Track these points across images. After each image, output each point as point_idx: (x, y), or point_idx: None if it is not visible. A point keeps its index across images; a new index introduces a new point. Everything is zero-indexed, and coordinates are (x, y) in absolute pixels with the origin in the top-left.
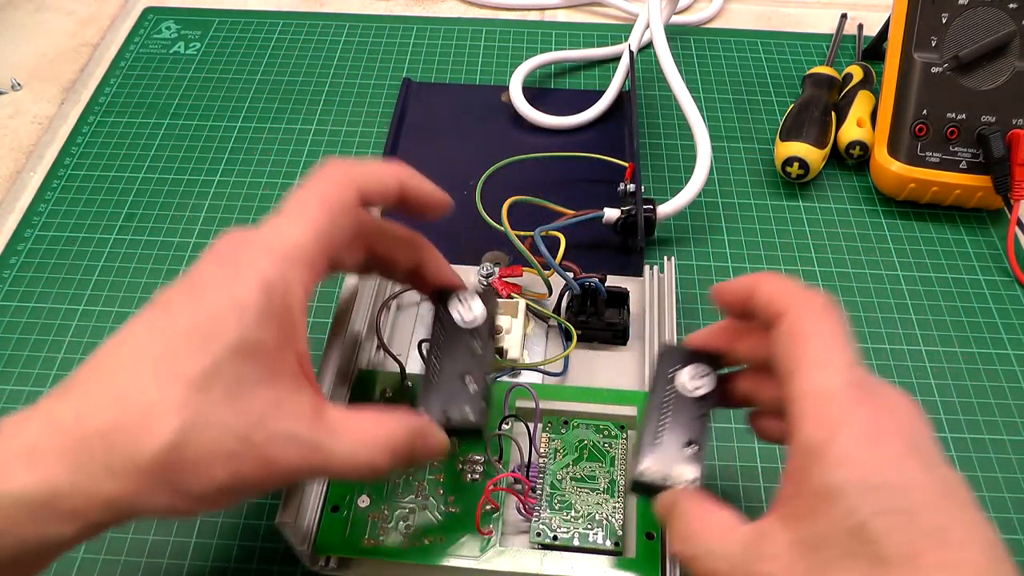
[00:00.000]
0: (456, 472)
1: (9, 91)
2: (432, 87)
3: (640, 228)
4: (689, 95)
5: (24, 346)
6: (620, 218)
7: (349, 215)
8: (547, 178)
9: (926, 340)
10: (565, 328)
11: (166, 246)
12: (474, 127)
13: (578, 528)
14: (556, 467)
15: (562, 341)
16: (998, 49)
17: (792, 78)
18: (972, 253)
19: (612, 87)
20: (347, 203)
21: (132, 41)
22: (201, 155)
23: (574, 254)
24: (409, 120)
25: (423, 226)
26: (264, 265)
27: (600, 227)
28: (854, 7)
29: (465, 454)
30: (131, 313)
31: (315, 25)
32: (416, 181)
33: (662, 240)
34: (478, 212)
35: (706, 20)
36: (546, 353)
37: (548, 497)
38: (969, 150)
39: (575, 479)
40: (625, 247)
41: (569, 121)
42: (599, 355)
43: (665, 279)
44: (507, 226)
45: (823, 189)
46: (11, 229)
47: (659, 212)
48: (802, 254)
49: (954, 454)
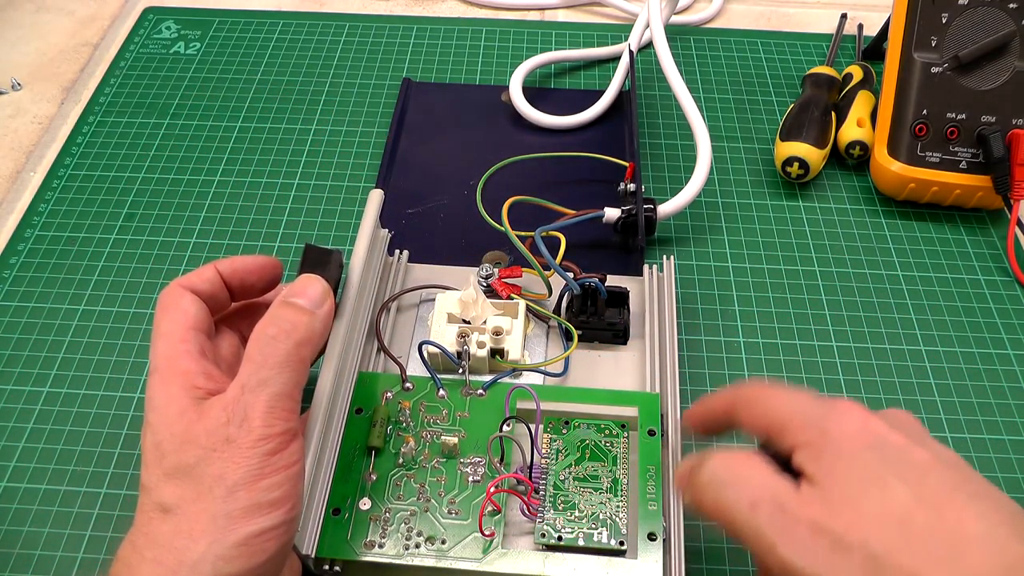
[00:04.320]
0: (458, 474)
1: (9, 91)
2: (432, 87)
3: (640, 227)
4: (689, 94)
5: (24, 346)
6: (620, 218)
7: (198, 309)
8: (547, 178)
9: (926, 340)
10: (565, 328)
11: (166, 246)
12: (474, 127)
13: (583, 528)
14: (559, 467)
15: (562, 341)
16: (998, 49)
17: (792, 78)
18: (972, 253)
19: (612, 87)
20: (187, 307)
21: (132, 41)
22: (201, 155)
23: (575, 254)
24: (409, 120)
25: (431, 230)
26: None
27: (600, 227)
28: (854, 7)
29: (467, 455)
30: (131, 313)
31: (315, 25)
32: (230, 260)
33: (662, 240)
34: (478, 212)
35: (706, 20)
36: (547, 354)
37: (551, 497)
38: (969, 150)
39: (578, 479)
40: (626, 247)
41: (569, 121)
42: (600, 355)
43: (665, 278)
44: (507, 226)
45: (823, 189)
46: (11, 229)
47: (660, 211)
48: (802, 254)
49: None
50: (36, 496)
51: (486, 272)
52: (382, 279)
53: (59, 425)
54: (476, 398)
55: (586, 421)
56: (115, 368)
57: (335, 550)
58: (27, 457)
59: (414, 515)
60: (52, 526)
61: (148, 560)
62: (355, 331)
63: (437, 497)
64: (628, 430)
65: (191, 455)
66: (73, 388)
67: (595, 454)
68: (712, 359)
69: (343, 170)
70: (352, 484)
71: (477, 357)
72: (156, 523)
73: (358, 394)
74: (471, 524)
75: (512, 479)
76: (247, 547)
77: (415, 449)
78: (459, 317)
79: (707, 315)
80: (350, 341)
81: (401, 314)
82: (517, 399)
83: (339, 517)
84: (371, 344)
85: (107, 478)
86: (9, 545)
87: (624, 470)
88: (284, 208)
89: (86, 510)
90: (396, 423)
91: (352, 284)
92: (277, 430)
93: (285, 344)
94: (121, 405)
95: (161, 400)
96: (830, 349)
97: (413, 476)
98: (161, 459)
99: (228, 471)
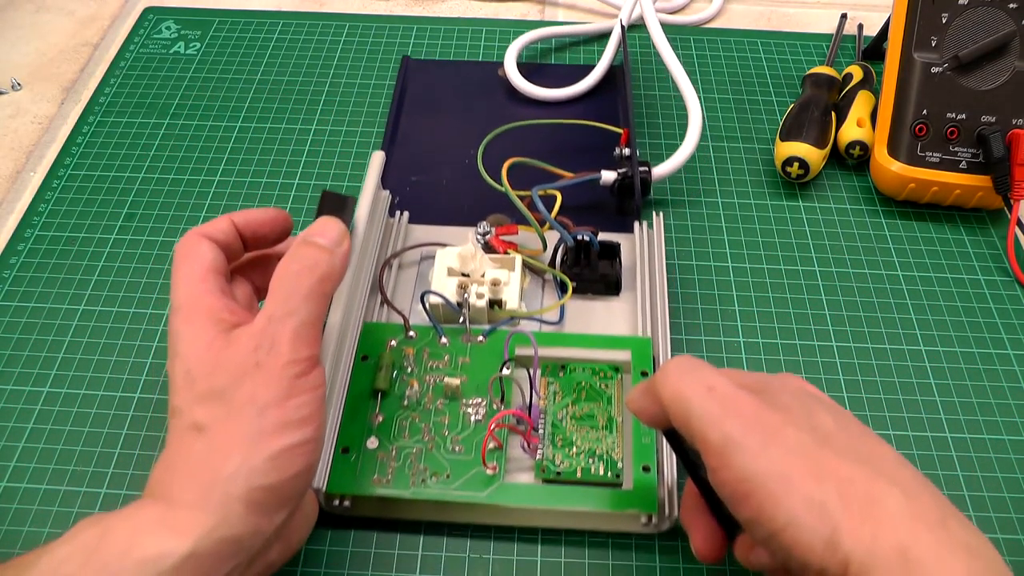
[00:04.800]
0: (460, 414)
1: (9, 91)
2: (430, 64)
3: (636, 188)
4: (676, 58)
5: (24, 346)
6: (616, 179)
7: (213, 251)
8: (545, 147)
9: (926, 340)
10: (560, 280)
11: (166, 246)
12: (472, 102)
13: (580, 463)
14: (556, 408)
15: (558, 294)
16: (998, 49)
17: (792, 78)
18: (972, 253)
19: (603, 60)
20: (205, 253)
21: (132, 41)
22: (201, 155)
23: (572, 216)
24: (410, 96)
25: (434, 197)
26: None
27: (597, 190)
28: (854, 7)
29: (468, 397)
30: (131, 313)
31: (315, 25)
32: (243, 212)
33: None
34: (479, 179)
35: (706, 20)
36: (543, 305)
37: (550, 436)
38: (969, 150)
39: (575, 418)
40: (621, 209)
41: (563, 93)
42: (593, 305)
43: (655, 234)
44: (507, 185)
45: (823, 189)
46: (11, 229)
47: (654, 173)
48: (802, 254)
49: (954, 454)
50: (36, 496)
51: (484, 230)
52: (384, 238)
53: (59, 425)
54: (476, 344)
55: (581, 365)
56: (115, 368)
57: (345, 486)
58: (27, 457)
59: (419, 453)
60: (52, 526)
61: (183, 475)
62: (359, 285)
63: (441, 436)
64: (621, 373)
65: (222, 380)
66: (73, 388)
67: (591, 395)
68: (712, 359)
69: (343, 170)
70: (360, 425)
71: (476, 307)
72: (190, 441)
73: (364, 342)
74: (474, 459)
75: (512, 416)
76: (278, 460)
77: (419, 392)
78: (458, 271)
79: (707, 315)
80: (355, 293)
81: (402, 271)
82: (516, 345)
83: (348, 456)
84: (374, 299)
85: (107, 478)
86: (9, 545)
87: (619, 409)
88: (284, 208)
89: (86, 510)
90: (401, 368)
91: (356, 240)
92: (304, 355)
93: (308, 279)
94: (121, 405)
95: (188, 334)
96: (830, 349)
97: (418, 417)
98: (192, 384)
99: (259, 392)
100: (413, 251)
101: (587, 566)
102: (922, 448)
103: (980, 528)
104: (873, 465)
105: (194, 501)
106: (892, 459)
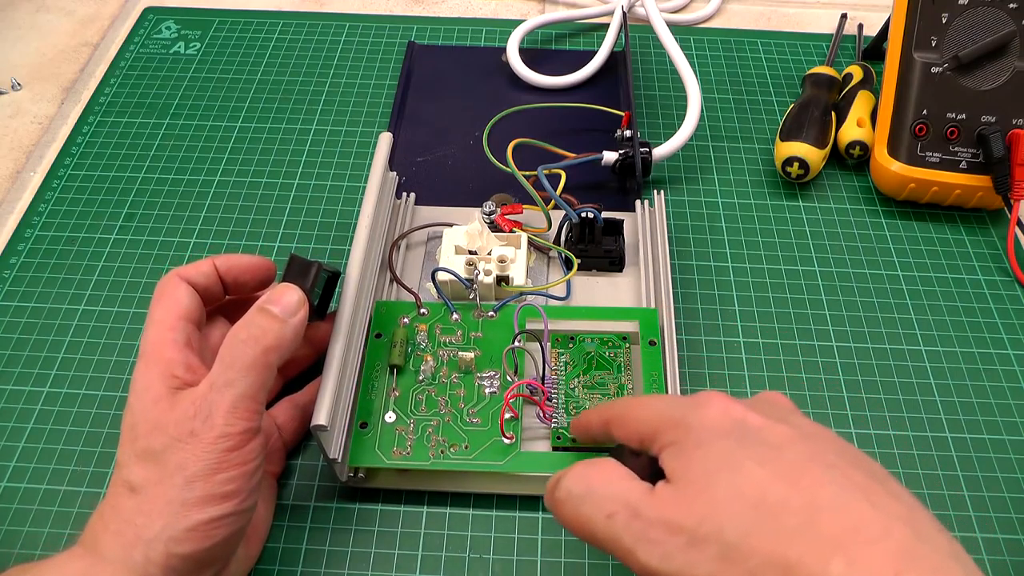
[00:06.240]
0: (475, 387)
1: (9, 91)
2: (435, 49)
3: (637, 167)
4: (675, 41)
5: (24, 346)
6: (618, 160)
7: (189, 296)
8: (548, 130)
9: (926, 340)
10: (566, 257)
11: (166, 246)
12: (475, 87)
13: None
14: (568, 377)
15: (563, 271)
16: (998, 49)
17: (792, 78)
18: (972, 253)
19: (604, 46)
20: (181, 297)
21: (132, 41)
22: (201, 155)
23: (575, 195)
24: (415, 80)
25: (440, 177)
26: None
27: (600, 170)
28: (854, 7)
29: (482, 370)
30: (131, 313)
31: (315, 25)
32: (227, 256)
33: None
34: (484, 160)
35: (704, 19)
36: (548, 282)
37: (563, 405)
38: (969, 150)
39: (587, 387)
40: (623, 189)
41: (564, 80)
42: (598, 281)
43: (656, 211)
44: (513, 165)
45: (823, 189)
46: (11, 229)
47: (655, 153)
48: (802, 254)
49: (954, 454)
50: (36, 496)
51: (489, 209)
52: (392, 219)
53: (59, 425)
54: (487, 319)
55: (590, 335)
56: (115, 368)
57: (365, 458)
58: (27, 457)
59: (437, 425)
60: (52, 526)
61: (111, 532)
62: (369, 265)
63: (457, 408)
64: (629, 342)
65: (159, 441)
66: (73, 388)
67: (601, 364)
68: (712, 359)
69: (343, 170)
70: (376, 400)
71: (484, 284)
72: (123, 498)
73: (377, 320)
74: (491, 430)
75: (527, 385)
76: (197, 532)
77: (434, 367)
78: (466, 249)
79: (707, 316)
80: (365, 273)
81: (410, 251)
82: (526, 317)
83: (366, 431)
84: (384, 277)
85: (107, 478)
86: (9, 545)
87: (628, 376)
88: (284, 208)
89: (86, 510)
90: (414, 344)
91: (364, 220)
92: (237, 429)
93: (253, 349)
94: (121, 405)
95: (141, 385)
96: (830, 349)
97: (433, 390)
98: (134, 440)
99: (189, 462)
100: (420, 231)
101: None
102: (922, 448)
103: (980, 528)
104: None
105: (117, 558)
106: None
